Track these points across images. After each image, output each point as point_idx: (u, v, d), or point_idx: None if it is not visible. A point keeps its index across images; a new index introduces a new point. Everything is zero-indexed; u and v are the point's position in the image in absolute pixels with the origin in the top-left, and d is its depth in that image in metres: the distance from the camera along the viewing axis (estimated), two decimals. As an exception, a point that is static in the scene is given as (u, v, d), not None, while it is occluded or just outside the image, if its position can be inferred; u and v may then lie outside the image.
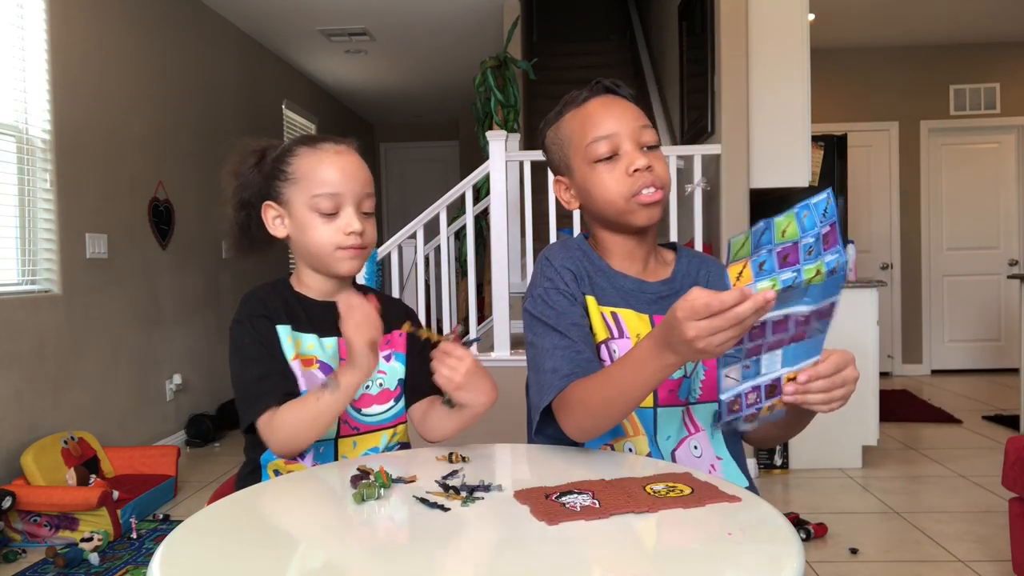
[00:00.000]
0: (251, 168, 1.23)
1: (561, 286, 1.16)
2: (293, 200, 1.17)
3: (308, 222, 1.16)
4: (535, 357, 1.16)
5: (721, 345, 0.83)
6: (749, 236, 0.80)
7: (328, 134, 1.23)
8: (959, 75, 6.38)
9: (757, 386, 0.90)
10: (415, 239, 3.96)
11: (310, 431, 1.09)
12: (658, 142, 1.18)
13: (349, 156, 1.18)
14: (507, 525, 0.84)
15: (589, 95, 1.20)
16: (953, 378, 6.24)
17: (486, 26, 5.49)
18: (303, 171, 1.16)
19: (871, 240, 6.42)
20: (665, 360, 0.92)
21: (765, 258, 0.81)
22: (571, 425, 1.08)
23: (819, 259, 0.82)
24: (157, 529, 2.90)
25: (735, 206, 3.52)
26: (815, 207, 0.80)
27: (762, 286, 0.81)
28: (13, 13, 3.17)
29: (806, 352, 0.89)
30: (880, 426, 3.62)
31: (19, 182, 3.18)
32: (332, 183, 1.15)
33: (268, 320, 1.15)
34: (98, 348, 3.58)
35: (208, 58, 4.86)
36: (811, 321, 0.86)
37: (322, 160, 1.16)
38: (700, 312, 0.82)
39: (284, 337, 1.15)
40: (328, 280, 1.21)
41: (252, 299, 1.17)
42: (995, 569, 2.42)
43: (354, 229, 1.15)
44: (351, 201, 1.16)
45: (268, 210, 1.20)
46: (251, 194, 1.23)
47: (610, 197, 1.16)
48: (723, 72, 3.54)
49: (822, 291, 0.84)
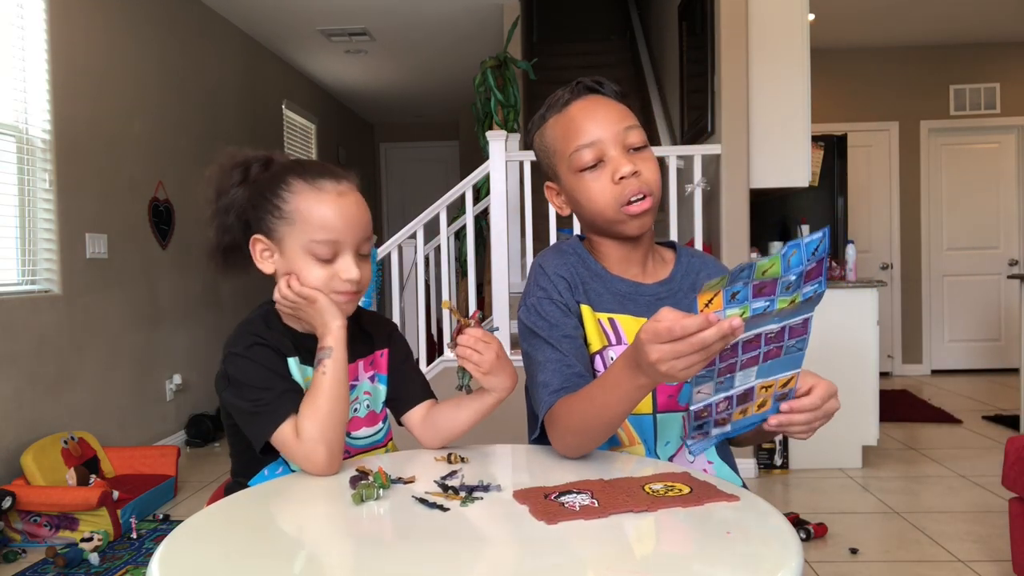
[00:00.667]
0: (234, 186, 1.13)
1: (555, 296, 1.14)
2: (287, 239, 1.08)
3: (302, 265, 1.07)
4: (529, 367, 1.15)
5: (686, 370, 0.81)
6: (725, 277, 0.77)
7: (326, 166, 1.12)
8: (959, 75, 6.38)
9: (729, 397, 0.88)
10: (415, 239, 3.96)
11: (335, 414, 1.02)
12: (645, 142, 1.14)
13: (351, 197, 1.09)
14: (507, 525, 0.84)
15: (570, 98, 1.16)
16: (953, 378, 6.24)
17: (486, 26, 5.49)
18: (300, 211, 1.06)
19: (871, 240, 6.41)
20: (637, 381, 0.90)
21: (739, 289, 0.78)
22: (558, 443, 1.07)
23: (796, 292, 0.80)
24: (157, 529, 2.90)
25: (735, 206, 3.51)
26: (806, 247, 0.77)
27: (731, 313, 0.79)
28: (13, 13, 3.17)
29: (782, 367, 0.87)
30: (880, 426, 3.62)
31: (19, 182, 3.18)
32: (332, 229, 1.06)
33: (273, 351, 1.08)
34: (98, 348, 3.58)
35: (208, 58, 4.87)
36: (784, 338, 0.84)
37: (322, 202, 1.06)
38: (662, 335, 0.80)
39: (295, 369, 1.10)
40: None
41: (247, 333, 1.09)
42: (995, 569, 2.42)
43: (351, 277, 1.07)
44: (350, 248, 1.08)
45: (256, 243, 1.11)
46: (234, 217, 1.13)
47: (597, 208, 1.13)
48: (723, 72, 3.54)
49: (793, 313, 0.82)
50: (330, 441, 1.02)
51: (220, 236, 1.14)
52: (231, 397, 1.06)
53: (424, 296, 3.98)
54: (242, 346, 1.07)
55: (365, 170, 8.66)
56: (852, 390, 3.51)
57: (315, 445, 1.00)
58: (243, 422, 1.06)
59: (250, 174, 1.14)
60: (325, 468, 1.01)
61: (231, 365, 1.07)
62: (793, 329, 0.84)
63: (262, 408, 1.03)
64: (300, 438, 1.01)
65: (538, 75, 5.16)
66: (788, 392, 0.91)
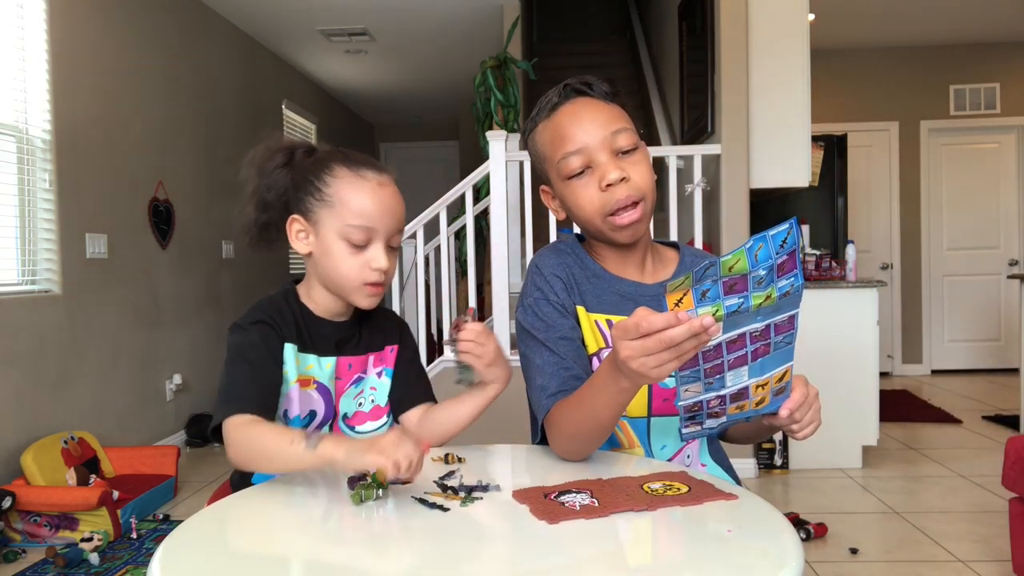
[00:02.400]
0: (278, 167, 1.18)
1: (551, 296, 1.14)
2: (324, 222, 1.11)
3: (335, 248, 1.11)
4: (527, 369, 1.15)
5: (658, 368, 0.80)
6: (690, 275, 0.77)
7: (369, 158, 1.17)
8: (959, 75, 6.38)
9: (721, 396, 0.88)
10: (415, 239, 3.96)
11: (265, 464, 1.03)
12: (635, 144, 1.11)
13: (390, 189, 1.14)
14: (508, 524, 0.84)
15: (558, 102, 1.13)
16: (953, 378, 6.24)
17: (486, 26, 5.49)
18: (341, 196, 1.11)
19: (871, 240, 6.42)
20: (619, 383, 0.90)
21: (709, 287, 0.77)
22: (557, 447, 1.07)
23: (770, 286, 0.78)
24: (157, 529, 2.90)
25: (735, 206, 3.52)
26: (772, 239, 0.76)
27: (703, 311, 0.78)
28: (13, 13, 3.17)
29: (773, 363, 0.87)
30: (880, 426, 3.62)
31: (19, 182, 3.18)
32: (369, 216, 1.10)
33: (275, 333, 1.11)
34: (98, 348, 3.58)
35: (208, 58, 4.87)
36: (771, 336, 0.83)
37: (363, 189, 1.11)
38: (631, 332, 0.80)
39: (290, 356, 1.12)
40: (339, 302, 1.17)
41: (261, 310, 1.12)
42: (995, 569, 2.42)
43: (380, 266, 1.11)
44: (383, 237, 1.12)
45: (294, 223, 1.14)
46: (275, 196, 1.17)
47: (586, 215, 1.12)
48: (723, 72, 3.54)
49: (776, 310, 0.81)
50: (245, 466, 1.05)
51: (259, 213, 1.18)
52: (226, 363, 1.10)
53: (424, 296, 3.98)
54: (248, 320, 1.11)
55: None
56: (852, 390, 3.51)
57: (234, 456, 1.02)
58: (219, 391, 1.08)
59: (295, 158, 1.18)
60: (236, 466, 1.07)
61: (234, 333, 1.11)
62: (779, 326, 0.83)
63: (233, 390, 1.06)
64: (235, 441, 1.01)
65: (538, 75, 5.16)
66: (785, 386, 0.90)
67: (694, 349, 0.79)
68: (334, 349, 1.16)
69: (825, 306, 3.49)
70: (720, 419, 0.92)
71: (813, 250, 4.00)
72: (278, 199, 1.17)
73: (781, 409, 0.91)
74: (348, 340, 1.18)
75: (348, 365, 1.17)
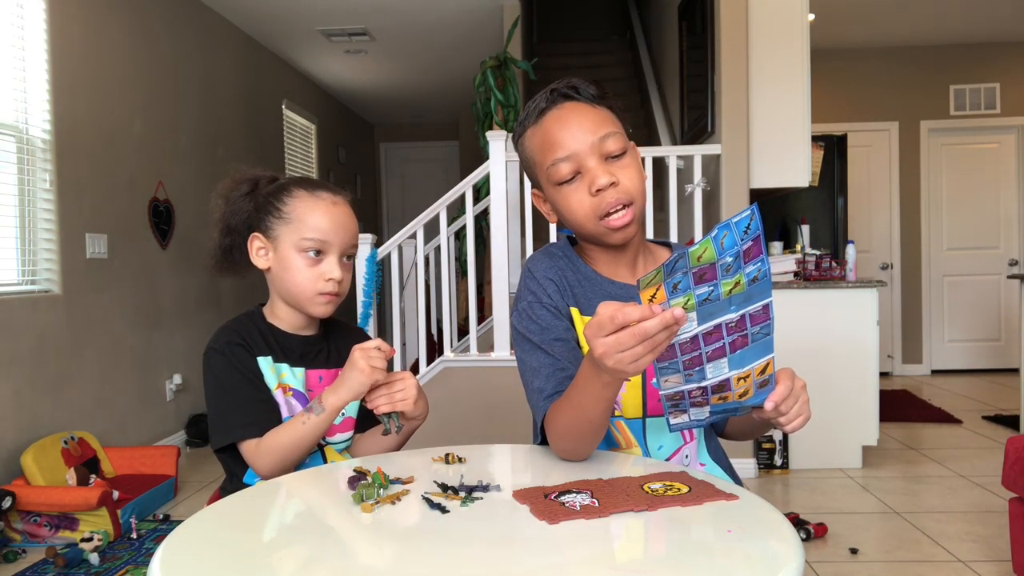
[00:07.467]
0: (243, 196, 1.27)
1: (544, 299, 1.14)
2: (281, 237, 1.22)
3: (292, 262, 1.21)
4: (524, 373, 1.15)
5: (634, 363, 0.81)
6: (661, 270, 0.79)
7: (326, 183, 1.28)
8: (959, 75, 6.38)
9: (704, 387, 0.89)
10: (415, 239, 3.96)
11: (297, 452, 1.15)
12: (625, 147, 1.10)
13: (344, 208, 1.24)
14: (508, 524, 0.84)
15: (545, 107, 1.12)
16: (953, 378, 6.24)
17: (486, 26, 5.49)
18: (297, 213, 1.21)
19: (871, 240, 6.42)
20: (601, 379, 0.90)
21: (680, 279, 0.79)
22: (556, 448, 1.07)
23: (738, 272, 0.80)
24: (157, 529, 2.90)
25: (735, 206, 3.51)
26: (736, 226, 0.78)
27: (676, 302, 0.79)
28: (13, 13, 3.17)
29: (754, 355, 0.88)
30: (880, 426, 3.62)
31: (19, 182, 3.18)
32: (323, 231, 1.20)
33: (247, 351, 1.20)
34: (98, 348, 3.58)
35: (208, 58, 4.87)
36: (747, 326, 0.84)
37: (317, 207, 1.22)
38: (605, 327, 0.80)
39: (266, 368, 1.21)
40: (300, 315, 1.27)
41: (229, 331, 1.22)
42: (995, 569, 2.42)
43: (333, 277, 1.21)
44: (336, 251, 1.22)
45: (254, 240, 1.25)
46: (239, 221, 1.27)
47: (578, 220, 1.12)
48: (723, 72, 3.54)
49: (746, 298, 0.82)
50: (284, 469, 1.15)
51: (223, 237, 1.28)
52: (206, 389, 1.20)
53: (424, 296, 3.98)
54: (221, 342, 1.20)
55: (365, 170, 8.66)
56: (852, 390, 3.51)
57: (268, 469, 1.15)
58: (210, 417, 1.20)
59: (259, 186, 1.28)
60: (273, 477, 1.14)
61: (209, 358, 1.20)
62: (754, 316, 0.84)
63: (228, 416, 1.17)
64: (261, 459, 1.15)
65: (538, 75, 5.16)
66: (768, 378, 0.91)
67: (667, 340, 0.81)
68: (302, 360, 1.25)
69: (825, 306, 3.49)
70: (704, 408, 0.93)
71: (813, 250, 3.99)
72: (242, 223, 1.27)
73: (766, 402, 0.91)
74: (317, 353, 1.28)
75: (319, 378, 1.26)
